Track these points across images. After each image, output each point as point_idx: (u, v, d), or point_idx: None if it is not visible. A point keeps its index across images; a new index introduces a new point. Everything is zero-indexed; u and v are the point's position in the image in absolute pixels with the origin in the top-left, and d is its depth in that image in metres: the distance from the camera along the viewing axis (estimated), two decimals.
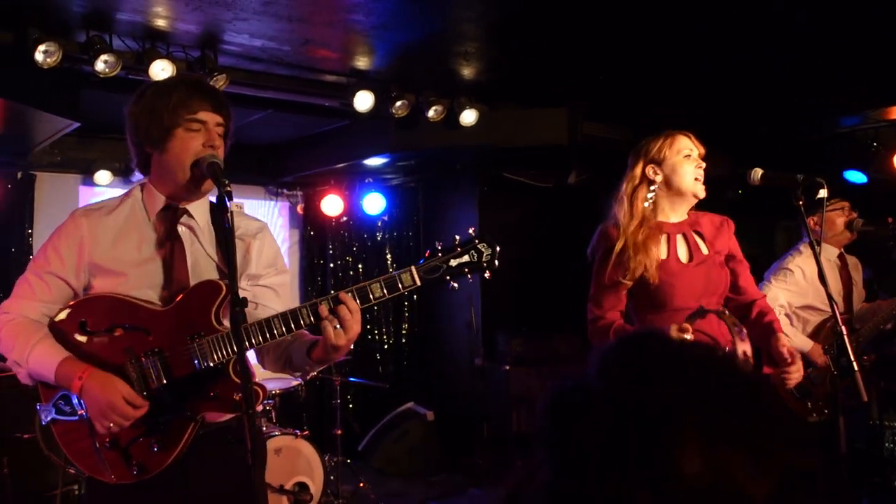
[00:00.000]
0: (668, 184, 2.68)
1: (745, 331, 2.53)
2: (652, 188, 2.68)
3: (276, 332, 1.97)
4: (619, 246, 2.62)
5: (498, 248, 2.09)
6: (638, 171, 2.70)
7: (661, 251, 2.65)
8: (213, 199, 2.13)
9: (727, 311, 2.62)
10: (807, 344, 3.38)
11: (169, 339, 1.99)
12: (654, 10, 3.69)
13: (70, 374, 1.93)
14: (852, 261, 3.79)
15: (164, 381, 1.98)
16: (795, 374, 2.53)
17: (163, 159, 2.07)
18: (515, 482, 0.80)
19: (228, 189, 1.88)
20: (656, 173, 2.69)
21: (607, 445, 0.72)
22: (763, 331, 2.68)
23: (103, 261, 2.05)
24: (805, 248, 3.57)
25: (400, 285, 1.99)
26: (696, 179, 2.66)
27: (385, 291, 1.99)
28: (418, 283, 2.00)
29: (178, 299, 2.03)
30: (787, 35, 4.04)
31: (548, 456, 0.75)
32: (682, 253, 2.66)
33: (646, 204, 2.68)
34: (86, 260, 2.06)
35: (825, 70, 4.68)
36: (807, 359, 3.41)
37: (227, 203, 1.87)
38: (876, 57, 4.45)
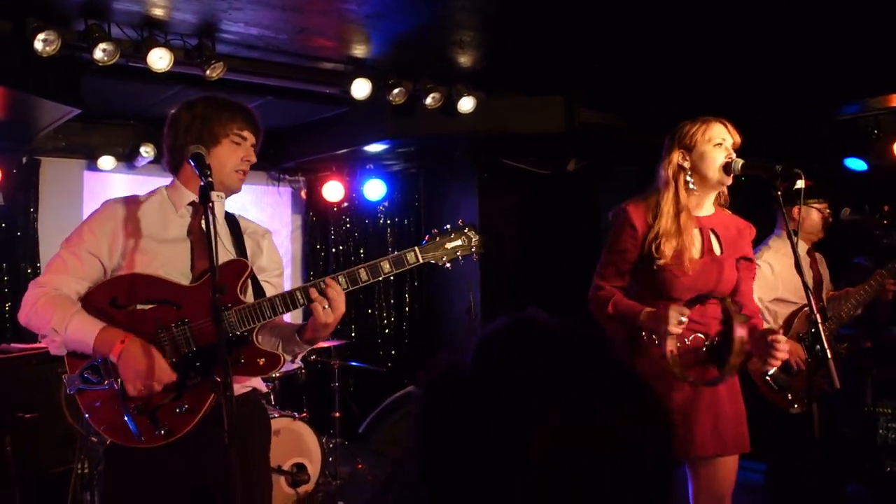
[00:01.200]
0: (695, 170, 2.69)
1: (745, 317, 2.56)
2: (689, 175, 2.70)
3: (278, 309, 2.23)
4: (656, 229, 2.64)
5: (482, 236, 2.45)
6: (674, 157, 2.71)
7: (696, 243, 2.68)
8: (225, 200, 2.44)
9: (728, 298, 2.65)
10: None
11: (197, 311, 2.17)
12: None
13: (112, 339, 2.09)
14: (819, 257, 3.82)
15: (194, 349, 2.17)
16: (782, 347, 2.53)
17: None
18: (392, 466, 0.81)
19: (210, 180, 2.06)
20: (685, 159, 2.69)
21: (464, 425, 0.72)
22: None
23: (136, 244, 2.23)
24: (773, 243, 3.60)
25: (406, 262, 2.34)
26: (722, 167, 2.65)
27: (393, 267, 2.31)
28: (420, 260, 2.35)
29: (206, 276, 2.22)
30: (788, 23, 4.05)
31: (415, 436, 0.76)
32: (696, 248, 2.69)
33: (686, 190, 2.69)
34: (120, 242, 2.23)
35: (825, 58, 4.69)
36: None
37: (211, 192, 2.03)
38: (876, 45, 4.45)
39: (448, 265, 2.38)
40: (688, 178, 2.70)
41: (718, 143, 2.68)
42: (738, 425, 2.71)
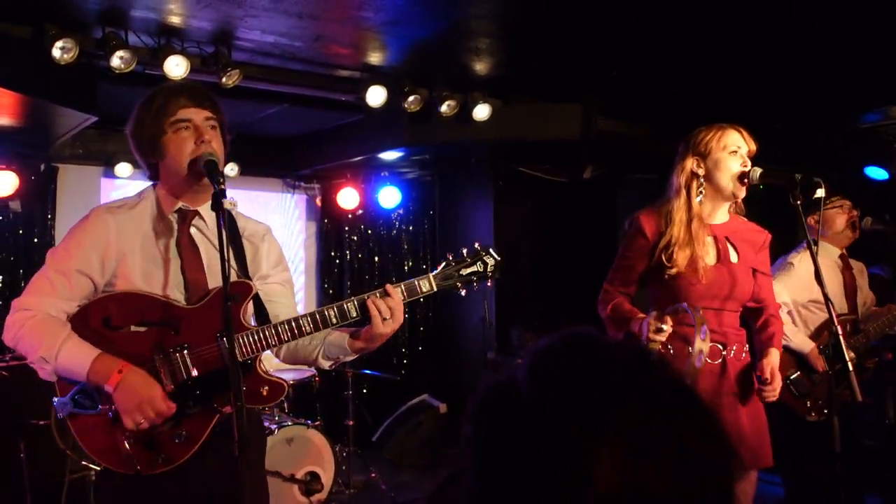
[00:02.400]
0: (709, 178, 2.65)
1: (707, 332, 2.48)
2: (701, 182, 2.66)
3: (304, 329, 2.12)
4: (668, 237, 2.61)
5: (500, 259, 2.35)
6: (687, 164, 2.68)
7: (710, 251, 2.64)
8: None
9: (701, 311, 2.58)
10: (806, 345, 3.35)
11: (197, 335, 2.05)
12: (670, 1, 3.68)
13: (109, 369, 1.95)
14: (857, 265, 3.73)
15: (194, 375, 2.04)
16: (771, 393, 2.54)
17: (164, 165, 2.16)
18: (440, 482, 0.78)
19: (223, 187, 1.96)
20: (699, 166, 2.66)
21: (522, 451, 0.69)
22: (761, 342, 2.70)
23: (129, 259, 2.09)
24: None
25: (418, 290, 2.26)
26: (737, 178, 2.61)
27: (405, 294, 2.24)
28: (434, 289, 2.28)
29: (206, 299, 2.09)
30: (805, 30, 4.00)
31: (470, 457, 0.73)
32: (712, 255, 2.65)
33: (698, 199, 2.65)
34: (112, 257, 2.08)
35: (843, 66, 4.63)
36: (806, 361, 3.38)
37: (222, 201, 1.94)
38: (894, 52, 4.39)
39: (463, 292, 2.32)
40: (701, 187, 2.66)
41: (734, 150, 2.64)
42: (760, 439, 2.67)
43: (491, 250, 2.34)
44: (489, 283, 2.36)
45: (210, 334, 2.06)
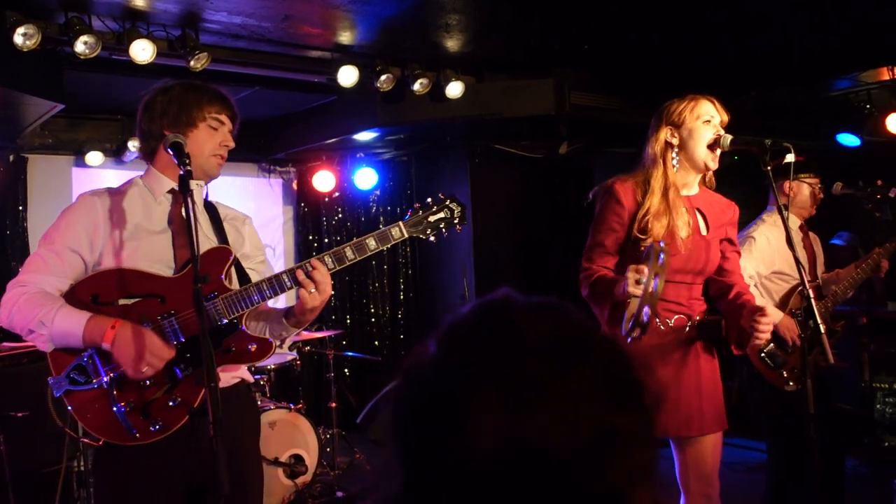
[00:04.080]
0: (683, 148, 2.66)
1: (665, 260, 2.41)
2: (675, 152, 2.67)
3: (265, 294, 2.20)
4: (646, 206, 2.60)
5: (463, 206, 2.45)
6: (662, 134, 2.68)
7: (685, 222, 2.63)
8: (203, 192, 2.41)
9: (656, 245, 2.52)
10: (777, 315, 3.38)
11: (183, 302, 2.13)
12: None
13: (102, 327, 2.03)
14: (813, 235, 3.79)
15: (182, 340, 2.12)
16: (766, 327, 2.50)
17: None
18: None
19: (189, 168, 2.02)
20: (674, 136, 2.67)
21: (420, 423, 0.70)
22: (737, 309, 2.67)
23: (117, 237, 2.17)
24: (768, 217, 3.56)
25: (391, 237, 2.33)
26: (709, 148, 2.63)
27: (379, 244, 2.30)
28: (405, 235, 2.35)
29: (188, 267, 2.17)
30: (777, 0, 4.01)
31: (388, 431, 0.75)
32: (685, 229, 2.65)
33: (674, 168, 2.66)
34: (101, 235, 2.17)
35: (817, 33, 4.66)
36: (776, 331, 3.41)
37: (189, 181, 1.99)
38: (867, 18, 4.41)
39: (433, 238, 2.39)
40: (675, 156, 2.67)
41: (707, 120, 2.65)
42: (719, 403, 2.71)
43: (455, 197, 2.43)
44: (458, 229, 2.44)
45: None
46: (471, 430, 0.66)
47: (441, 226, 2.39)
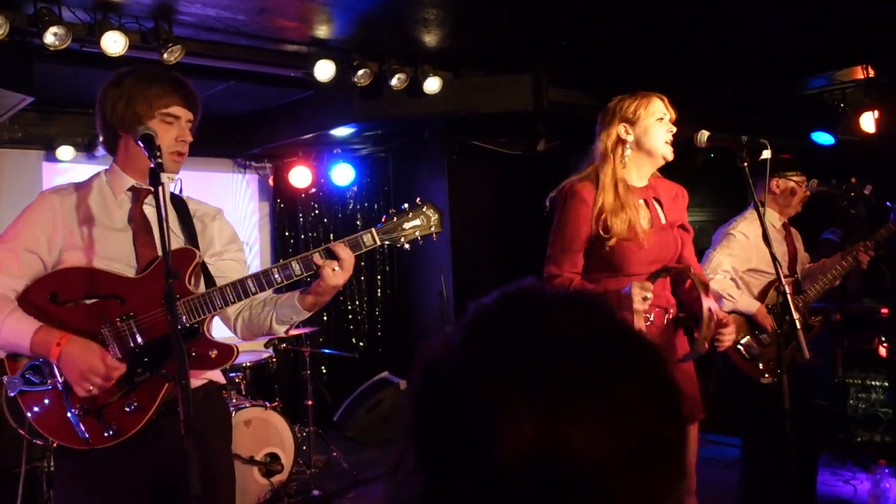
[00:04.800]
0: (638, 144, 2.66)
1: (711, 287, 2.51)
2: (627, 148, 2.67)
3: (228, 299, 2.12)
4: (600, 203, 2.59)
5: (441, 214, 2.33)
6: (613, 129, 2.68)
7: (643, 215, 2.64)
8: (172, 186, 2.33)
9: (692, 269, 2.61)
10: (753, 305, 3.41)
11: (143, 304, 2.07)
12: None
13: (48, 340, 1.98)
14: (794, 231, 3.82)
15: (141, 343, 2.06)
16: (728, 337, 2.54)
17: (132, 144, 2.15)
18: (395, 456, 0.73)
19: (160, 161, 1.96)
20: (628, 133, 2.67)
21: (440, 425, 0.66)
22: (696, 298, 2.66)
23: (76, 236, 2.11)
24: (749, 214, 3.58)
25: (362, 244, 2.24)
26: (666, 143, 2.65)
27: (349, 250, 2.22)
28: (377, 242, 2.26)
29: (151, 267, 2.12)
30: None
31: (408, 427, 0.70)
32: (644, 219, 2.65)
33: (623, 164, 2.66)
34: (59, 235, 2.10)
35: (791, 32, 4.68)
36: (753, 321, 3.44)
37: (161, 174, 1.94)
38: (841, 17, 4.44)
39: (407, 246, 2.29)
40: (627, 151, 2.67)
41: (660, 117, 2.67)
42: (694, 394, 2.71)
43: (432, 203, 2.32)
44: (434, 238, 2.34)
45: (155, 302, 2.06)
46: (504, 433, 0.61)
47: (416, 234, 2.29)
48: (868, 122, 5.46)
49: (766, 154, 2.48)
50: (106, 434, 2.02)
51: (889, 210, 3.64)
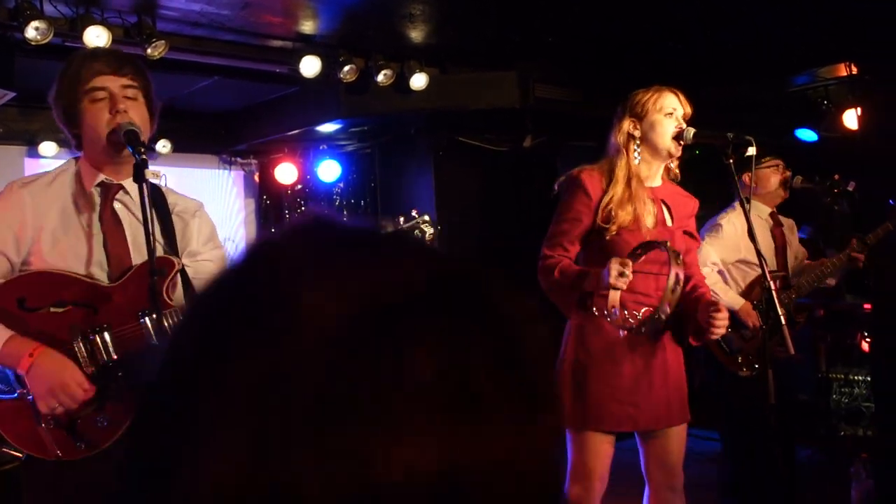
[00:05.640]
0: (645, 140, 2.67)
1: (682, 259, 2.50)
2: (637, 144, 2.67)
3: None
4: (609, 195, 2.60)
5: (437, 228, 2.33)
6: (624, 125, 2.69)
7: (650, 213, 2.64)
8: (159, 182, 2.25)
9: (669, 244, 2.59)
10: (737, 302, 3.43)
11: (117, 315, 1.96)
12: None
13: (19, 352, 1.87)
14: (788, 222, 3.81)
15: (115, 357, 1.95)
16: (721, 323, 2.54)
17: (84, 136, 2.06)
18: None
19: (144, 157, 1.88)
20: (636, 128, 2.67)
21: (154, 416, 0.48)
22: (694, 299, 2.69)
23: (46, 235, 1.99)
24: (738, 205, 3.61)
25: None
26: (673, 138, 2.63)
27: None
28: None
29: (127, 276, 2.00)
30: None
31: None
32: (650, 215, 2.66)
33: (635, 161, 2.66)
34: (28, 233, 1.98)
35: (776, 28, 4.70)
36: (736, 318, 3.46)
37: (144, 171, 1.86)
38: (825, 13, 4.47)
39: None
40: (636, 147, 2.67)
41: (669, 112, 2.66)
42: (683, 396, 2.73)
43: (428, 219, 2.28)
44: None
45: (132, 313, 1.97)
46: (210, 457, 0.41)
47: None
48: (851, 119, 5.50)
49: (752, 151, 2.49)
50: (77, 447, 1.93)
51: (891, 208, 3.62)
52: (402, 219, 2.29)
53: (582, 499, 2.63)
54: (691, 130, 2.63)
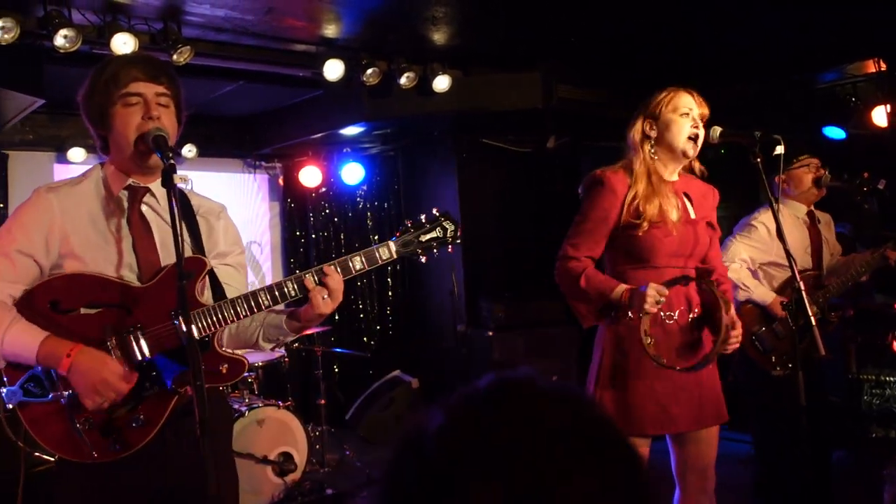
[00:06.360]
0: (660, 140, 2.66)
1: (730, 299, 2.53)
2: (652, 144, 2.67)
3: (240, 313, 2.05)
4: (634, 191, 2.60)
5: (458, 225, 2.30)
6: (639, 125, 2.69)
7: (673, 207, 2.63)
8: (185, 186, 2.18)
9: (713, 280, 2.61)
10: (768, 296, 3.39)
11: (150, 315, 1.97)
12: None
13: (57, 352, 1.88)
14: (824, 217, 3.76)
15: (148, 357, 1.97)
16: (735, 340, 2.54)
17: (112, 139, 2.07)
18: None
19: (172, 162, 1.88)
20: (651, 128, 2.67)
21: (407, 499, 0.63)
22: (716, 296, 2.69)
23: (75, 239, 2.00)
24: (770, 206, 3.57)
25: (378, 258, 2.18)
26: (688, 138, 2.62)
27: (365, 264, 2.16)
28: (394, 255, 2.20)
29: (158, 277, 2.02)
30: None
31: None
32: (674, 209, 2.64)
33: (652, 158, 2.67)
34: (57, 237, 1.99)
35: (803, 25, 4.65)
36: (768, 313, 3.42)
37: (172, 176, 1.86)
38: (853, 10, 4.41)
39: (423, 259, 2.25)
40: (651, 147, 2.66)
41: (685, 112, 2.64)
42: (718, 395, 2.70)
43: (449, 214, 2.28)
44: (450, 249, 2.30)
45: (164, 313, 1.98)
46: None
47: (433, 245, 2.25)
48: (880, 116, 5.42)
49: (780, 149, 2.46)
50: (112, 449, 1.94)
51: None
52: (423, 217, 2.27)
53: None
54: (717, 129, 2.61)
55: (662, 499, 2.87)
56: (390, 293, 7.43)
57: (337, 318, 7.07)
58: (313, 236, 7.12)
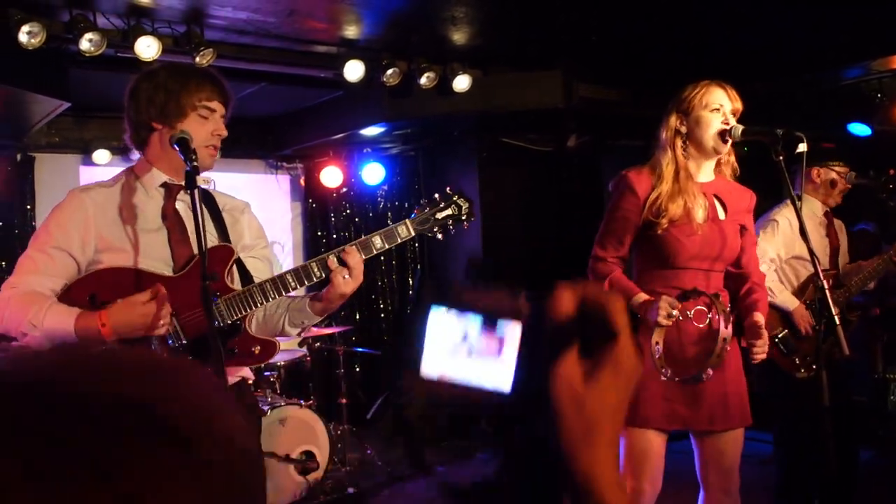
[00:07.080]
0: (691, 136, 2.64)
1: (732, 319, 2.52)
2: (684, 140, 2.66)
3: (269, 295, 2.15)
4: (657, 191, 2.60)
5: (471, 202, 2.40)
6: (671, 121, 2.67)
7: (700, 207, 2.62)
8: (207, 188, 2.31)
9: (720, 297, 2.60)
10: (792, 303, 3.36)
11: (184, 302, 2.07)
12: None
13: (91, 324, 1.96)
14: (838, 222, 3.74)
15: (184, 342, 2.07)
16: (760, 351, 2.54)
17: (162, 136, 2.17)
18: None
19: (195, 164, 1.97)
20: (682, 124, 2.65)
21: None
22: (746, 308, 2.68)
23: (110, 235, 2.11)
24: (790, 202, 3.54)
25: (397, 236, 2.28)
26: (717, 134, 2.59)
27: (385, 242, 2.26)
28: (412, 233, 2.31)
29: (190, 265, 2.12)
30: None
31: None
32: (701, 212, 2.63)
33: (683, 155, 2.65)
34: (92, 234, 2.10)
35: (827, 20, 4.59)
36: (790, 319, 3.39)
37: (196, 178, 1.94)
38: (878, 5, 4.35)
39: (440, 236, 2.33)
40: (685, 144, 2.64)
41: (716, 108, 2.61)
42: (743, 398, 2.68)
43: (463, 193, 2.37)
44: (465, 227, 2.39)
45: (196, 299, 2.05)
46: None
47: (449, 223, 2.34)
48: None
49: (802, 147, 2.43)
50: None
51: None
52: (437, 195, 2.36)
53: (630, 500, 2.60)
54: (739, 127, 2.59)
55: (687, 500, 2.86)
56: (411, 293, 7.45)
57: (358, 317, 7.10)
58: (334, 236, 7.15)
